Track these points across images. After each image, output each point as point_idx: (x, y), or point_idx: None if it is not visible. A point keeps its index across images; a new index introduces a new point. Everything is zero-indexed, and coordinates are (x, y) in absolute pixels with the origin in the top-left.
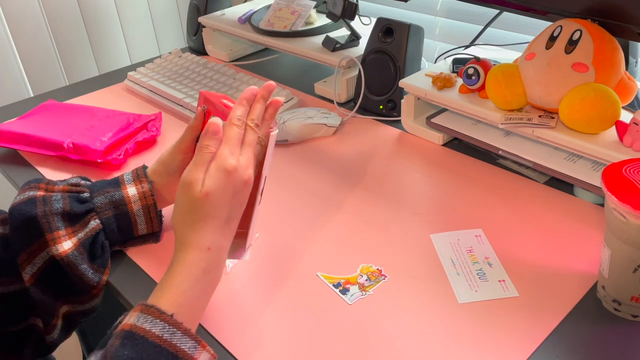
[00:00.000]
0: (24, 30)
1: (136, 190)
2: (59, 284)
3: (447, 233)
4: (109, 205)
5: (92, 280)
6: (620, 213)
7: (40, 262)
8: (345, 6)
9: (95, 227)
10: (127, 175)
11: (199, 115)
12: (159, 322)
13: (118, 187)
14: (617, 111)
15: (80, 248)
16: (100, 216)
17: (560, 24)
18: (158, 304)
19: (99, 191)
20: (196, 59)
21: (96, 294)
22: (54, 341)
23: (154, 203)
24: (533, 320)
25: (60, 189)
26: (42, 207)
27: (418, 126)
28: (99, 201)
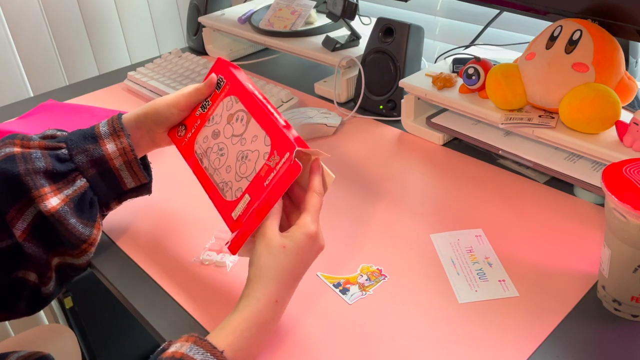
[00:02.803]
0: (24, 30)
1: (115, 146)
2: (51, 237)
3: (447, 233)
4: (90, 164)
5: (83, 234)
6: (620, 213)
7: (30, 216)
8: (345, 6)
9: (83, 185)
10: (104, 127)
11: (211, 83)
12: (210, 356)
13: (96, 142)
14: (617, 111)
15: (70, 203)
16: (84, 174)
17: (560, 24)
18: (214, 339)
19: (78, 149)
20: (196, 59)
21: (86, 249)
22: (50, 293)
23: (135, 158)
24: (533, 320)
25: (37, 144)
26: (24, 164)
27: (418, 126)
28: (79, 160)
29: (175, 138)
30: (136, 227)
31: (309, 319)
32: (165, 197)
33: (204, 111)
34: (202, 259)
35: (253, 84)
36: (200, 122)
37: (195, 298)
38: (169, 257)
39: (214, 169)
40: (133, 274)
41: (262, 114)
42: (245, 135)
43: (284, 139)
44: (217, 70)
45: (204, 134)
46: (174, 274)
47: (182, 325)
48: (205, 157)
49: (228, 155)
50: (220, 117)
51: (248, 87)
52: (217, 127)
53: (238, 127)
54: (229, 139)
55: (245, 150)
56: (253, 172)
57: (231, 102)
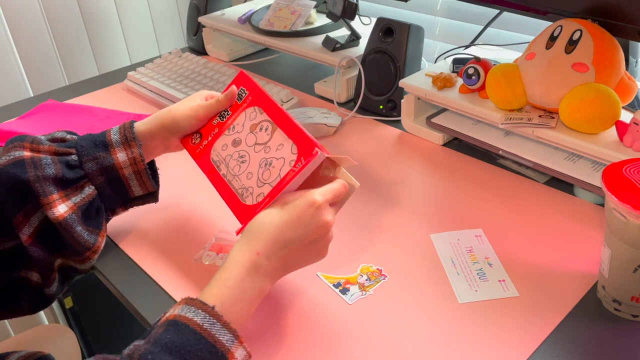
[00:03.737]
0: (24, 30)
1: (126, 155)
2: (56, 241)
3: (447, 233)
4: (100, 172)
5: (88, 242)
6: (620, 213)
7: (36, 222)
8: (345, 6)
9: (91, 193)
10: (115, 135)
11: (232, 95)
12: (201, 312)
13: (107, 151)
14: (617, 111)
15: (78, 212)
16: (93, 182)
17: (560, 24)
18: (203, 297)
19: (88, 155)
20: (196, 59)
21: (90, 256)
22: (53, 293)
23: (145, 168)
24: (533, 320)
25: (47, 149)
26: (33, 171)
27: (418, 126)
28: (89, 167)
29: (189, 145)
30: (136, 228)
31: (309, 318)
32: (166, 197)
33: (222, 120)
34: (202, 259)
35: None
36: (218, 131)
37: None
38: (169, 257)
39: (233, 175)
40: (133, 274)
41: (290, 123)
42: (270, 143)
43: (311, 143)
44: (239, 83)
45: (223, 142)
46: (174, 274)
47: None
48: (223, 164)
49: (250, 162)
50: (242, 126)
51: (273, 99)
52: (239, 135)
53: (262, 136)
54: (251, 147)
55: (269, 157)
56: (277, 177)
57: (255, 113)
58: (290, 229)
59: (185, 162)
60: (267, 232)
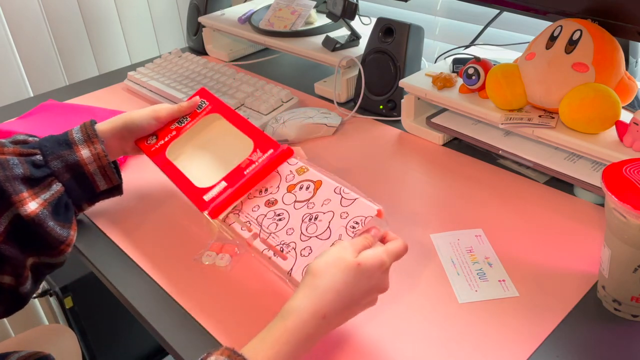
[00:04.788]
0: (24, 30)
1: (89, 152)
2: (28, 239)
3: (447, 233)
4: (65, 169)
5: (62, 236)
6: (620, 213)
7: (7, 220)
8: (345, 6)
9: (59, 189)
10: (77, 133)
11: (194, 103)
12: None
13: (71, 149)
14: (617, 111)
15: (48, 207)
16: (60, 179)
17: (560, 24)
18: (251, 354)
19: (53, 155)
20: (196, 59)
21: (64, 249)
22: (27, 292)
23: (109, 162)
24: (533, 320)
25: (12, 151)
26: (2, 171)
27: (418, 126)
28: (55, 165)
29: (144, 145)
30: (136, 228)
31: None
32: (166, 197)
33: (181, 125)
34: (202, 259)
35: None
36: (175, 134)
37: (195, 298)
38: (169, 257)
39: (268, 233)
40: (133, 274)
41: (250, 126)
42: (314, 200)
43: (267, 140)
44: (201, 96)
45: (254, 203)
46: (174, 274)
47: (182, 325)
48: (255, 224)
49: (290, 219)
50: (277, 188)
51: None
52: (273, 196)
53: (303, 194)
54: (290, 204)
55: (314, 212)
56: (234, 164)
57: (292, 175)
58: (359, 290)
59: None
60: (337, 293)
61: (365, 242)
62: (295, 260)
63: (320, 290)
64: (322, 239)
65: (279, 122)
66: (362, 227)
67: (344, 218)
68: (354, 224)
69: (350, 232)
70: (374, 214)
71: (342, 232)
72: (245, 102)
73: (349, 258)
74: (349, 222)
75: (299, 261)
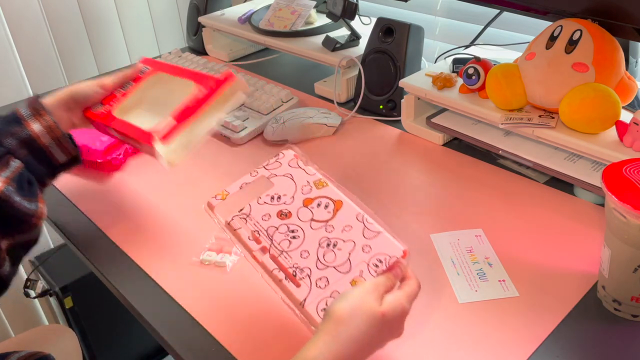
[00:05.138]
0: (24, 30)
1: (40, 125)
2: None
3: (447, 233)
4: (20, 145)
5: (30, 209)
6: (620, 213)
7: None
8: (345, 6)
9: (19, 166)
10: (24, 109)
11: (137, 69)
12: None
13: (21, 124)
14: (617, 111)
15: (12, 183)
16: (17, 155)
17: (560, 24)
18: None
19: (4, 133)
20: (196, 59)
21: (36, 223)
22: (7, 274)
23: (62, 133)
24: (533, 320)
25: None
26: None
27: (418, 126)
28: (9, 143)
29: (91, 113)
30: (136, 227)
31: None
32: (165, 197)
33: (125, 90)
34: (202, 259)
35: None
36: (122, 97)
37: (195, 298)
38: (169, 257)
39: (280, 250)
40: (133, 273)
41: (183, 70)
42: (334, 222)
43: (207, 78)
44: (145, 63)
45: (265, 210)
46: (174, 274)
47: (182, 325)
48: (264, 235)
49: (305, 239)
50: (291, 198)
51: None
52: (287, 207)
53: (321, 213)
54: (306, 222)
55: (333, 238)
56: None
57: (309, 187)
58: (379, 339)
59: (185, 162)
60: (359, 344)
61: (389, 284)
62: (310, 290)
63: (342, 340)
64: (341, 272)
65: (279, 122)
66: (386, 267)
67: (366, 252)
68: (378, 262)
69: (372, 271)
70: (399, 254)
71: (364, 268)
72: (245, 102)
73: (374, 306)
74: (372, 259)
75: (314, 293)
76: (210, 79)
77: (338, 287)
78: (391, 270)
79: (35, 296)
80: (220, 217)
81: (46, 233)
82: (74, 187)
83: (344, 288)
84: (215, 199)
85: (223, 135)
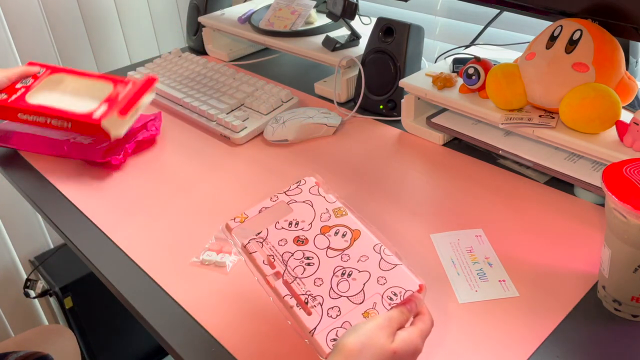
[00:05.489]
0: (24, 30)
1: None
2: None
3: (447, 233)
4: None
5: None
6: (620, 213)
7: None
8: (345, 6)
9: None
10: None
11: (35, 68)
12: None
13: None
14: (617, 111)
15: None
16: None
17: (560, 24)
18: None
19: None
20: (196, 59)
21: None
22: None
23: None
24: (533, 320)
25: None
26: None
27: (418, 126)
28: None
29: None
30: (136, 227)
31: None
32: (165, 197)
33: (26, 84)
34: (202, 259)
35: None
36: (24, 90)
37: (195, 298)
38: (169, 257)
39: (293, 276)
40: (133, 273)
41: (93, 74)
42: (350, 252)
43: (124, 79)
44: (32, 64)
45: (281, 236)
46: (174, 274)
47: (182, 325)
48: (279, 260)
49: (320, 267)
50: (309, 225)
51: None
52: (304, 234)
53: (338, 241)
54: (323, 250)
55: (348, 268)
56: (106, 95)
57: (328, 215)
58: None
59: (185, 162)
60: None
61: (402, 319)
62: (321, 319)
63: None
64: (354, 303)
65: (279, 122)
66: (400, 301)
67: (381, 284)
68: (392, 295)
69: (386, 303)
70: (415, 288)
71: (378, 300)
72: (245, 102)
73: (386, 343)
74: (386, 291)
75: (324, 322)
76: (128, 80)
77: (350, 318)
78: (405, 304)
79: (35, 296)
80: (238, 239)
81: (46, 233)
82: (74, 187)
83: (356, 319)
84: (234, 222)
85: (223, 135)
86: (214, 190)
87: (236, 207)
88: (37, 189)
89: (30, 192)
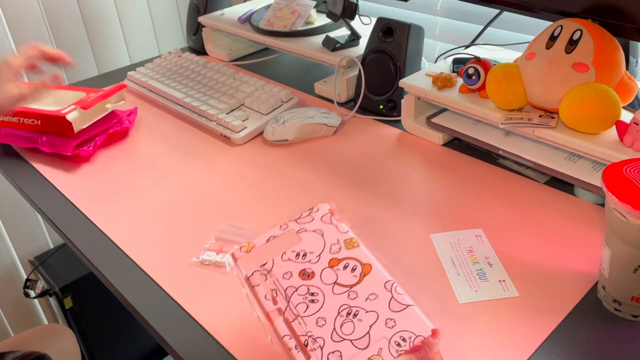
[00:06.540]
0: (24, 30)
1: None
2: None
3: (447, 233)
4: None
5: None
6: (620, 213)
7: None
8: (345, 6)
9: None
10: None
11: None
12: None
13: None
14: (617, 111)
15: None
16: None
17: (560, 24)
18: None
19: None
20: (196, 59)
21: None
22: None
23: None
24: (533, 320)
25: None
26: None
27: (418, 126)
28: None
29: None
30: (136, 227)
31: None
32: (165, 197)
33: None
34: (202, 259)
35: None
36: None
37: (195, 298)
38: (169, 257)
39: (294, 314)
40: (133, 274)
41: (64, 87)
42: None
43: (95, 89)
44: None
45: (287, 268)
46: (174, 274)
47: (182, 325)
48: (281, 295)
49: (324, 304)
50: (317, 257)
51: None
52: (311, 267)
53: (347, 276)
54: (329, 285)
55: (355, 307)
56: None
57: (339, 246)
58: None
59: (185, 162)
60: None
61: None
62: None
63: None
64: (358, 348)
65: (279, 122)
66: (409, 347)
67: (390, 327)
68: (401, 340)
69: (393, 350)
70: (427, 334)
71: (384, 345)
72: (245, 102)
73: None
74: (395, 336)
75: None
76: (99, 89)
77: None
78: (415, 352)
79: (35, 296)
80: (242, 269)
81: (46, 233)
82: (74, 187)
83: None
84: (240, 251)
85: (223, 135)
86: (214, 190)
87: (236, 207)
88: (36, 189)
89: (30, 192)
